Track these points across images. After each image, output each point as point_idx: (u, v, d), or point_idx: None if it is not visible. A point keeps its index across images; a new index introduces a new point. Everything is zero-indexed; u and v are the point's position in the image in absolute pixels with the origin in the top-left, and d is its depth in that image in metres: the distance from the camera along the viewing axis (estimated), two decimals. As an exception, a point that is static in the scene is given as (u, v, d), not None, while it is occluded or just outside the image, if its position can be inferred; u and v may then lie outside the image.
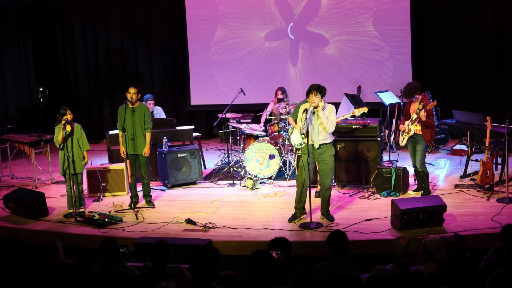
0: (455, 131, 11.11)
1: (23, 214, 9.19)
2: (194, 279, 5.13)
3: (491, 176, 9.29)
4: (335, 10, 13.64)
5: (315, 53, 13.92)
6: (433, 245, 5.92)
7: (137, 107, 9.32)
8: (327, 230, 7.92)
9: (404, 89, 9.25)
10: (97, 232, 8.43)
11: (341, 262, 5.83)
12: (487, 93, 13.19)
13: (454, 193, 9.42)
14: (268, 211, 9.17)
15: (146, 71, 15.23)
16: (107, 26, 15.17)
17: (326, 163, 8.35)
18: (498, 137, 9.68)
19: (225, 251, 6.95)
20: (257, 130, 11.16)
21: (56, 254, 6.22)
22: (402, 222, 7.75)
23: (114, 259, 5.92)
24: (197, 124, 14.33)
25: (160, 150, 10.65)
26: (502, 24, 12.86)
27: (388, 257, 5.94)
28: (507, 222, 7.31)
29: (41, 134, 11.32)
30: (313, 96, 8.11)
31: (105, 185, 10.18)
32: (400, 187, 9.40)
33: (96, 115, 15.59)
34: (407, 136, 9.19)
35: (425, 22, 13.41)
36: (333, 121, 8.24)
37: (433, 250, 5.90)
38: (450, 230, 7.72)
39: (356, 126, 10.01)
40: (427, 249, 5.90)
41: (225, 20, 14.31)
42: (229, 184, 10.61)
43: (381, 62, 13.54)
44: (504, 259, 5.57)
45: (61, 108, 9.11)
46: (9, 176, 11.65)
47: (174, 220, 8.77)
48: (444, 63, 13.41)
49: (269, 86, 13.90)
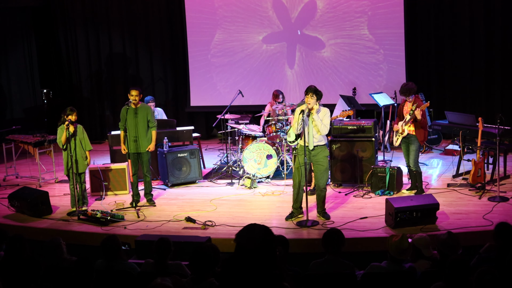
0: (448, 131, 11.13)
1: (27, 212, 9.18)
2: (194, 275, 5.13)
3: (483, 176, 9.30)
4: (331, 14, 13.64)
5: (312, 56, 13.92)
6: (421, 242, 5.95)
7: (140, 108, 9.32)
8: (323, 228, 7.92)
9: (401, 87, 9.20)
10: (99, 230, 8.42)
11: (336, 259, 5.83)
12: (478, 94, 13.21)
13: (446, 192, 9.42)
14: (266, 209, 9.17)
15: (147, 73, 15.22)
16: (109, 30, 15.16)
17: (321, 164, 8.35)
18: (489, 138, 9.70)
19: (224, 248, 6.95)
20: (255, 131, 11.16)
21: (59, 251, 6.22)
22: (396, 220, 7.76)
23: (115, 256, 5.92)
24: (196, 125, 14.35)
25: (161, 150, 10.65)
26: (493, 27, 12.88)
27: (382, 254, 5.94)
28: (498, 220, 7.32)
29: (45, 135, 11.32)
30: (309, 97, 8.13)
31: (107, 184, 10.17)
32: (394, 186, 9.41)
33: (98, 116, 15.59)
34: (401, 136, 9.19)
35: (418, 26, 13.43)
36: (327, 123, 8.25)
37: (421, 248, 5.92)
38: (443, 228, 7.73)
39: (351, 127, 10.02)
40: (416, 247, 5.92)
41: (224, 23, 14.30)
42: (228, 183, 10.60)
43: (375, 64, 13.55)
44: (495, 256, 5.57)
45: (68, 108, 9.07)
46: (14, 176, 11.64)
47: (174, 218, 8.77)
48: (437, 65, 13.42)
49: (266, 88, 13.90)
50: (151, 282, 4.88)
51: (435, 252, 5.98)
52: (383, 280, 5.58)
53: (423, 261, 5.88)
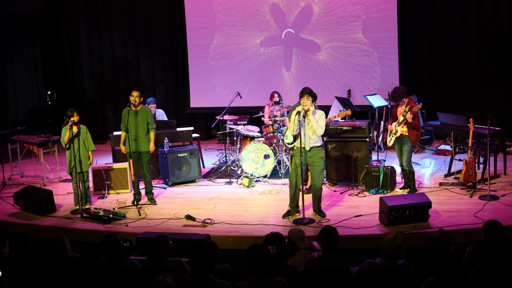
0: (440, 132, 11.13)
1: (32, 210, 9.17)
2: (193, 272, 5.12)
3: (474, 175, 9.30)
4: (326, 18, 13.64)
5: (308, 59, 13.91)
6: (296, 236, 6.13)
7: (140, 109, 9.32)
8: (319, 226, 7.92)
9: (392, 93, 9.27)
10: (101, 227, 8.42)
11: (332, 256, 5.82)
12: (470, 96, 13.22)
13: (438, 191, 9.42)
14: (263, 207, 9.16)
15: (148, 75, 15.20)
16: (111, 34, 15.14)
17: (317, 164, 8.34)
18: (480, 138, 9.71)
19: (223, 245, 6.94)
20: (253, 131, 11.15)
21: (63, 248, 6.21)
22: (389, 218, 7.75)
23: (116, 254, 5.91)
24: (196, 126, 14.35)
25: (162, 150, 10.64)
26: (483, 31, 12.88)
27: (377, 251, 5.93)
28: (488, 218, 7.33)
29: (49, 135, 11.30)
30: (305, 99, 8.13)
31: (109, 183, 10.16)
32: (387, 185, 9.41)
33: (100, 117, 15.56)
34: (394, 137, 9.19)
35: (411, 30, 13.43)
36: (322, 125, 8.24)
37: (296, 240, 6.09)
38: (435, 225, 7.73)
39: (346, 128, 10.03)
40: (291, 240, 6.11)
41: (222, 27, 14.29)
42: (226, 182, 10.59)
43: (370, 67, 13.54)
44: (486, 253, 5.57)
45: (68, 110, 9.10)
46: (19, 175, 11.62)
47: (174, 216, 8.76)
48: (429, 68, 13.42)
49: (264, 90, 13.90)
50: (152, 278, 4.87)
51: (314, 243, 6.17)
52: (377, 276, 5.58)
53: (300, 253, 6.03)
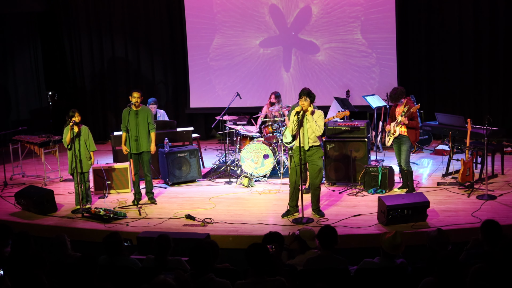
0: (438, 132, 11.13)
1: (33, 210, 9.17)
2: (193, 271, 5.12)
3: (471, 175, 9.31)
4: (325, 19, 13.64)
5: (307, 60, 13.92)
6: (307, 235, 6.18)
7: (140, 110, 9.32)
8: (318, 225, 7.92)
9: (390, 94, 9.27)
10: (102, 227, 8.41)
11: (330, 255, 5.82)
12: (467, 96, 13.22)
13: (436, 191, 9.42)
14: (263, 207, 9.15)
15: (148, 76, 15.20)
16: (112, 35, 15.14)
17: (316, 164, 8.34)
18: (478, 138, 9.70)
19: (222, 244, 6.92)
20: (252, 132, 11.15)
21: (64, 248, 6.21)
22: (388, 218, 7.75)
23: (117, 252, 5.91)
24: (196, 126, 14.35)
25: (162, 150, 10.64)
26: (481, 32, 12.90)
27: (375, 250, 5.94)
28: (486, 217, 7.31)
29: (50, 135, 11.30)
30: (303, 100, 8.14)
31: (110, 183, 10.16)
32: (386, 185, 9.41)
33: (101, 117, 15.56)
34: (392, 137, 9.19)
35: (409, 30, 13.43)
36: (321, 125, 8.24)
37: (306, 239, 6.15)
38: (433, 225, 7.72)
39: (345, 128, 10.03)
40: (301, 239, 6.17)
41: (222, 28, 14.29)
42: (226, 182, 10.59)
43: (368, 68, 13.55)
44: (484, 252, 5.57)
45: (70, 110, 9.10)
46: (20, 175, 11.62)
47: (174, 216, 8.75)
48: (428, 68, 13.42)
49: (263, 90, 13.90)
50: (153, 277, 4.87)
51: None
52: (376, 275, 5.58)
53: (310, 252, 6.05)
